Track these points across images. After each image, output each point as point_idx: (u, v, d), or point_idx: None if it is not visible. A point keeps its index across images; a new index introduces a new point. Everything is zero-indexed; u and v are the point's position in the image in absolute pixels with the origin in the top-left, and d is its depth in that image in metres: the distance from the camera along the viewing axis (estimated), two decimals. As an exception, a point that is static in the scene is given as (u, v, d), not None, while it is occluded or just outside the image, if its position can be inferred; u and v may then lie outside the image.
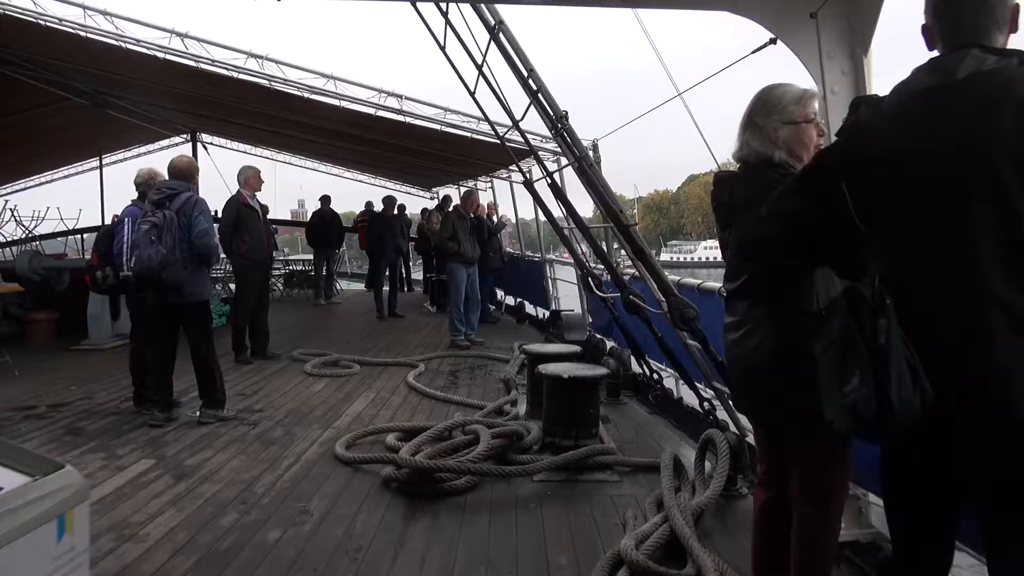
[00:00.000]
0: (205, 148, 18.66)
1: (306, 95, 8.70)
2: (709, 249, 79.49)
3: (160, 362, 5.61)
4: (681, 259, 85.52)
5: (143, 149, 17.94)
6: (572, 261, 11.56)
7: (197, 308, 5.57)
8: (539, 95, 5.06)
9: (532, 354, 6.11)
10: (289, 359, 8.33)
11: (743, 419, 4.27)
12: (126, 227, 5.76)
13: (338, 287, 17.35)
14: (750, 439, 4.11)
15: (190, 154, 19.13)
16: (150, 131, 15.88)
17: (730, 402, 4.45)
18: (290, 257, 18.44)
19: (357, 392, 6.80)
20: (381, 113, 8.80)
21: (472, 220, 9.76)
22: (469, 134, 8.94)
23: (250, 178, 8.11)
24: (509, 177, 11.55)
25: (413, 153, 11.11)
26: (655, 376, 6.58)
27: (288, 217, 31.15)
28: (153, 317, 5.57)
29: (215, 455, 4.82)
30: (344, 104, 8.78)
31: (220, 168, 18.70)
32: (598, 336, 8.73)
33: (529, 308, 12.54)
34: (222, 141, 18.35)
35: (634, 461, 4.67)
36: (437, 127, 8.83)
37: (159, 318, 5.54)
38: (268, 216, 8.39)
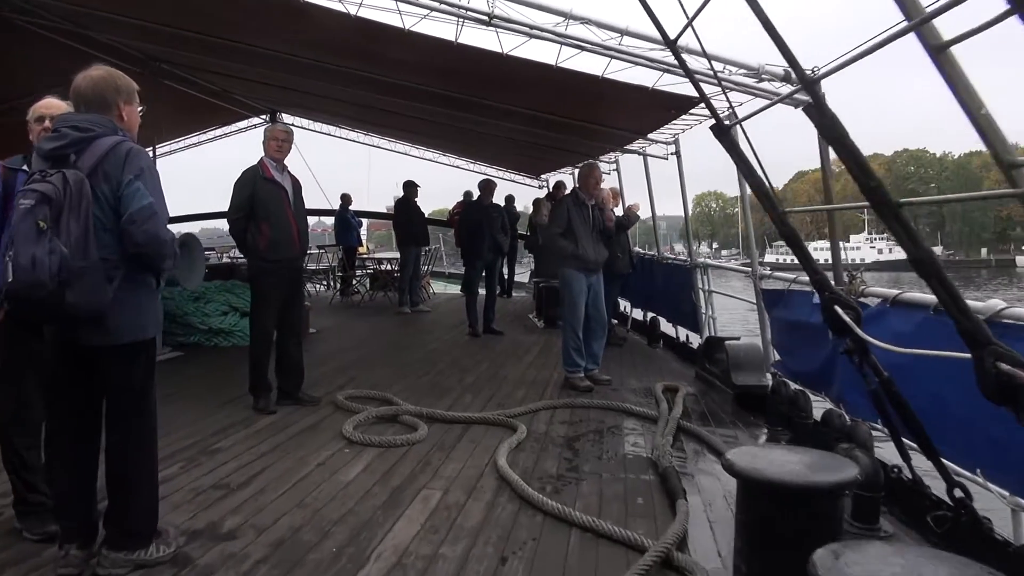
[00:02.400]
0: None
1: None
2: (820, 251, 73.63)
3: (70, 455, 2.98)
4: (789, 260, 79.90)
5: (207, 135, 15.91)
6: (733, 267, 8.52)
7: (128, 356, 2.95)
8: None
9: (749, 476, 3.06)
10: (331, 406, 5.73)
11: None
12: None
13: (430, 291, 14.87)
14: None
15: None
16: (216, 109, 13.89)
17: None
18: (376, 255, 15.99)
19: (413, 486, 4.06)
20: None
21: (593, 209, 6.88)
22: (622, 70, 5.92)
23: (271, 140, 5.54)
24: (643, 150, 8.50)
25: (522, 119, 8.26)
26: (956, 487, 3.46)
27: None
28: (52, 371, 2.99)
29: None
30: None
31: (307, 158, 16.76)
32: (792, 386, 5.67)
33: (665, 327, 9.52)
34: (304, 122, 16.28)
35: None
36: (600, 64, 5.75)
37: (62, 373, 2.96)
38: (302, 195, 5.77)
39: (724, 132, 3.25)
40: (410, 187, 11.98)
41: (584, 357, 6.67)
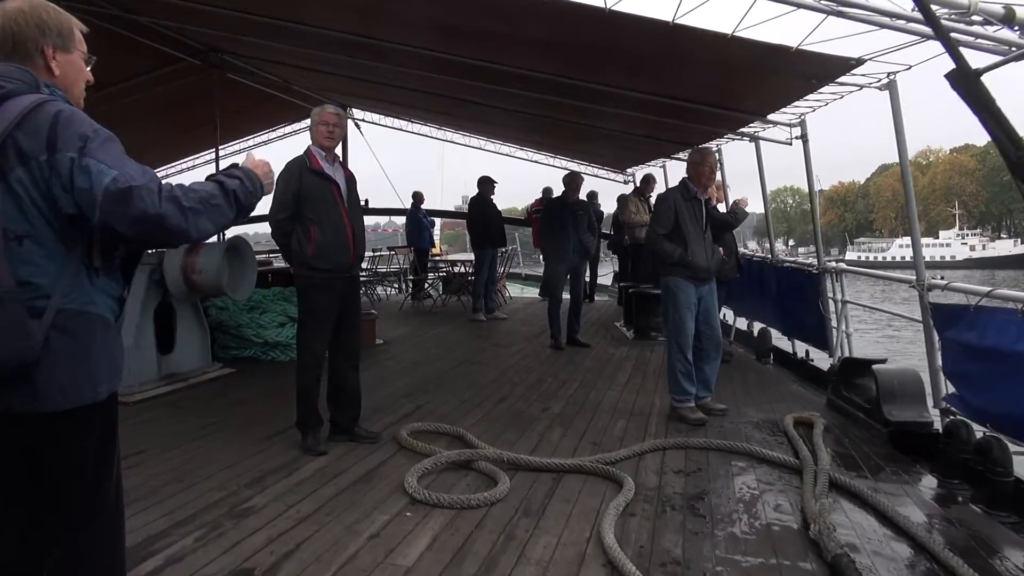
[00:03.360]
0: (358, 127, 15.97)
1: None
2: (904, 248, 69.51)
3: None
4: (872, 258, 75.71)
5: (277, 132, 15.02)
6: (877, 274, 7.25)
7: (70, 429, 1.83)
8: None
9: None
10: (393, 444, 4.75)
11: None
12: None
13: (507, 295, 13.88)
14: None
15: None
16: (283, 105, 13.06)
17: None
18: (448, 256, 15.03)
19: (493, 570, 3.03)
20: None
21: (707, 205, 5.71)
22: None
23: (320, 124, 4.59)
24: (757, 134, 7.16)
25: (613, 100, 7.07)
26: None
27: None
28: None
29: None
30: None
31: (378, 155, 15.99)
32: (977, 429, 4.39)
33: (778, 339, 8.23)
34: (376, 116, 15.52)
35: None
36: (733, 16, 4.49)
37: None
38: (357, 191, 4.81)
39: (971, 79, 2.09)
40: (486, 183, 10.99)
41: (694, 383, 5.51)
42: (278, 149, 15.53)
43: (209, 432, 5.01)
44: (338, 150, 4.80)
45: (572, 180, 8.87)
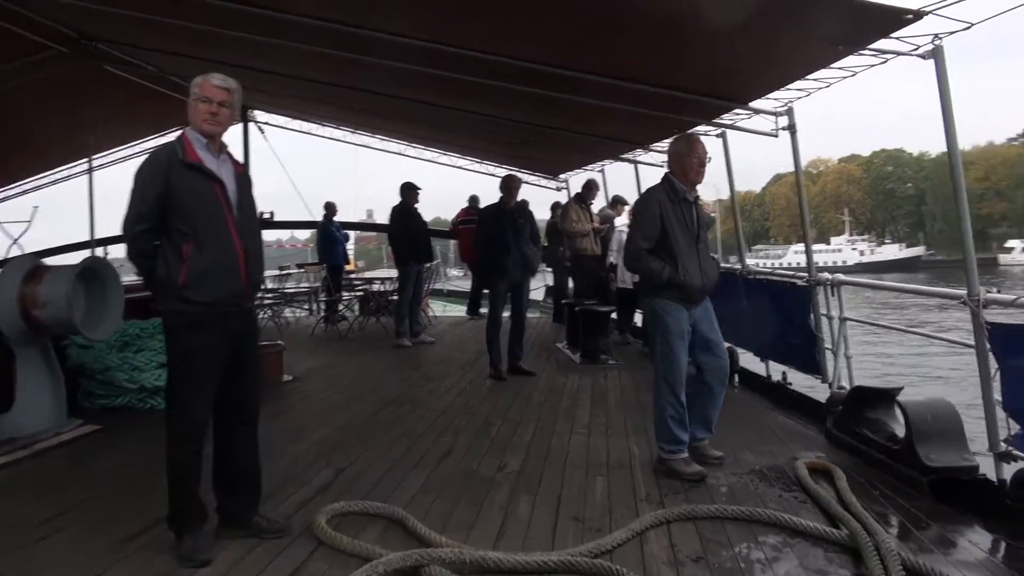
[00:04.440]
0: (261, 131, 14.38)
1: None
2: (798, 254, 72.11)
3: None
4: (769, 264, 78.38)
5: (166, 138, 13.16)
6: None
7: None
8: None
9: None
10: (310, 538, 3.45)
11: None
12: None
13: (430, 314, 12.64)
14: None
15: (241, 141, 14.89)
16: (174, 107, 11.35)
17: None
18: (365, 274, 13.53)
19: None
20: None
21: (696, 207, 4.64)
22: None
23: (199, 100, 3.27)
24: (735, 124, 6.13)
25: (550, 82, 5.90)
26: None
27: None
28: None
29: None
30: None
31: (287, 164, 14.35)
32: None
33: (748, 360, 7.32)
34: (281, 119, 14.00)
35: None
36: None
37: None
38: (251, 193, 3.49)
39: None
40: (409, 191, 9.73)
41: (687, 428, 4.45)
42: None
43: (50, 531, 3.59)
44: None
45: (509, 183, 7.74)
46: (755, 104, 5.39)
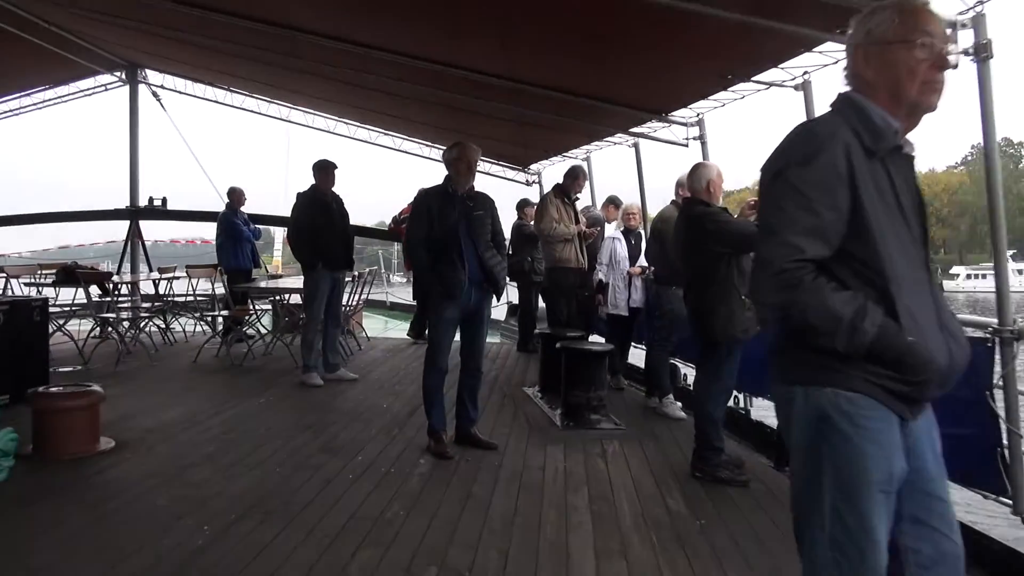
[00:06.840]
0: (155, 95, 11.57)
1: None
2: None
3: None
4: None
5: (41, 96, 11.10)
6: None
7: None
8: None
9: None
10: None
11: None
12: None
13: (363, 335, 9.93)
14: None
15: (127, 106, 11.99)
16: (54, 60, 9.31)
17: None
18: (280, 283, 10.50)
19: None
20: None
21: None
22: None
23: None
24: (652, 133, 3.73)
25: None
26: None
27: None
28: None
29: None
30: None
31: (180, 128, 11.70)
32: None
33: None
34: (181, 83, 11.24)
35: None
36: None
37: None
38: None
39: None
40: (323, 171, 7.00)
41: None
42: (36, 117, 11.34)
43: None
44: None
45: (461, 155, 5.04)
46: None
